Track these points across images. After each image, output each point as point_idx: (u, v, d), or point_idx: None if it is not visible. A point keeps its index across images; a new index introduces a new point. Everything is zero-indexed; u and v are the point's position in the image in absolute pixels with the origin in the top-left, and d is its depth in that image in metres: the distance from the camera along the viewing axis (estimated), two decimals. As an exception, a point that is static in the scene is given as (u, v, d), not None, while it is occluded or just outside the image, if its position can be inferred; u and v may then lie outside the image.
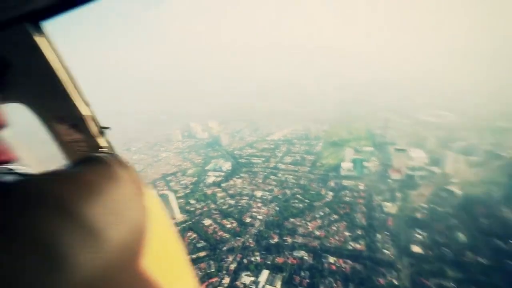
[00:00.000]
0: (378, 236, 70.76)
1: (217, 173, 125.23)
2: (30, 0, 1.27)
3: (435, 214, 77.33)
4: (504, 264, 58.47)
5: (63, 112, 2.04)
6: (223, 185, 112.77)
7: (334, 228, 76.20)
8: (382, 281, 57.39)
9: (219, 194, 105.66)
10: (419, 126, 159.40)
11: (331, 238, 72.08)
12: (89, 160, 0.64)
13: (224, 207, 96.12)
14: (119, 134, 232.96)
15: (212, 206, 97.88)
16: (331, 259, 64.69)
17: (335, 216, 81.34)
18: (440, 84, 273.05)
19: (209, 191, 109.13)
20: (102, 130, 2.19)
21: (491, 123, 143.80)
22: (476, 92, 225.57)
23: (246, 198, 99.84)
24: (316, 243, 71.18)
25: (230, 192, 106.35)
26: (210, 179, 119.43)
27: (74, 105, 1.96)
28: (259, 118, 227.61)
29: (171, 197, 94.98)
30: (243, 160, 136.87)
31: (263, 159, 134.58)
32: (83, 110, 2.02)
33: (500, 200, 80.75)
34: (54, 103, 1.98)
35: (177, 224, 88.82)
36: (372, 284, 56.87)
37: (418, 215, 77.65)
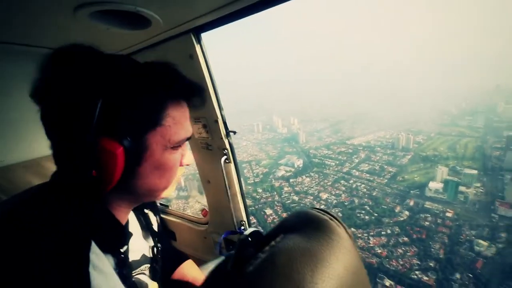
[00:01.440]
0: (457, 275, 59.44)
1: (288, 168, 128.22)
2: (198, 16, 1.54)
3: (554, 272, 58.48)
4: None
5: (200, 113, 2.32)
6: (291, 180, 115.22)
7: (401, 251, 68.03)
8: (447, 325, 48.88)
9: (286, 189, 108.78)
10: None
11: (393, 260, 65.00)
12: (314, 221, 0.60)
13: (288, 201, 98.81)
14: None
15: (276, 198, 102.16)
16: (387, 282, 58.92)
17: (405, 239, 72.08)
18: None
19: (277, 184, 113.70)
20: (228, 133, 2.43)
21: None
22: None
23: (311, 197, 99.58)
24: (374, 260, 65.74)
25: (296, 188, 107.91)
26: (280, 173, 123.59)
27: (212, 108, 2.21)
28: (344, 120, 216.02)
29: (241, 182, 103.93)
30: (316, 160, 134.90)
31: (337, 162, 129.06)
32: (217, 113, 2.26)
33: None
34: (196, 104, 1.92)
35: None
36: (432, 325, 49.24)
37: (526, 266, 60.45)
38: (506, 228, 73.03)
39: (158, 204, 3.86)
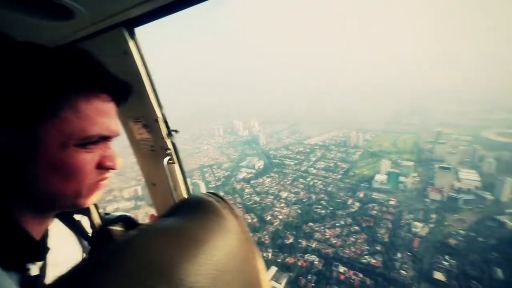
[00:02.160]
0: (399, 255, 66.69)
1: (249, 170, 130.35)
2: (129, 8, 1.37)
3: (473, 244, 69.10)
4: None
5: (139, 113, 2.21)
6: (252, 182, 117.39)
7: (353, 239, 74.09)
8: (391, 301, 54.74)
9: (247, 190, 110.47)
10: (481, 144, 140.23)
11: (346, 249, 70.45)
12: (198, 204, 0.57)
13: (249, 202, 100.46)
14: (172, 123, 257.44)
15: (238, 200, 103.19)
16: (342, 269, 63.75)
17: (356, 228, 78.75)
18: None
19: (238, 186, 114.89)
20: (171, 132, 2.34)
21: None
22: None
23: (271, 197, 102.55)
24: (330, 250, 70.46)
25: (257, 189, 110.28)
26: (242, 175, 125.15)
27: (150, 106, 2.10)
28: (301, 121, 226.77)
29: (202, 186, 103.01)
30: (276, 161, 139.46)
31: (296, 161, 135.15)
32: (157, 112, 2.16)
33: None
34: (134, 103, 2.12)
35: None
36: (379, 302, 54.71)
37: (452, 241, 70.35)
38: (436, 210, 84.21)
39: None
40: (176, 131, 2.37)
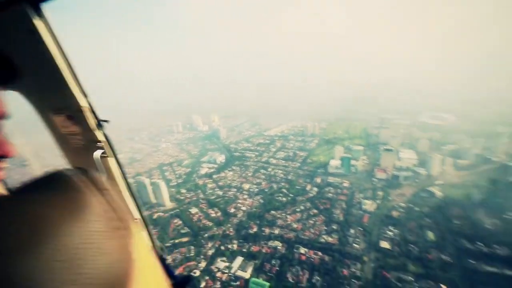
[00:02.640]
0: (352, 231, 73.65)
1: (210, 165, 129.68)
2: None
3: (411, 213, 79.40)
4: (466, 263, 60.69)
5: (60, 103, 1.94)
6: (214, 176, 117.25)
7: (312, 222, 79.47)
8: (346, 272, 60.62)
9: (210, 185, 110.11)
10: (416, 127, 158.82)
11: (306, 231, 75.43)
12: (57, 179, 0.52)
13: (212, 197, 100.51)
14: (127, 124, 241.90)
15: (201, 196, 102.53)
16: (303, 250, 68.21)
17: (315, 211, 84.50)
18: (446, 86, 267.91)
19: (200, 182, 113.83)
20: (100, 123, 2.13)
21: (488, 127, 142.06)
22: (483, 95, 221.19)
23: (234, 190, 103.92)
24: (291, 235, 74.71)
25: (220, 183, 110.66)
26: (203, 171, 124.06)
27: (72, 95, 1.85)
28: (260, 113, 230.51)
29: (162, 186, 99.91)
30: (237, 154, 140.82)
31: (257, 153, 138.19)
32: (81, 101, 1.91)
33: (478, 203, 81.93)
34: (51, 92, 1.89)
35: (165, 211, 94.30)
36: (336, 275, 60.17)
37: (394, 214, 79.83)
38: (382, 188, 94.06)
39: None
40: (106, 121, 2.19)
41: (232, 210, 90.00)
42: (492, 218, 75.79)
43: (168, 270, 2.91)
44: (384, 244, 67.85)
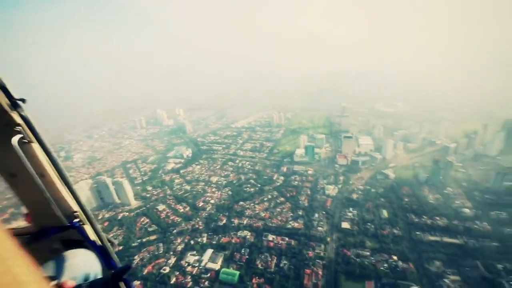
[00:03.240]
0: (316, 215, 78.03)
1: (177, 160, 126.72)
2: None
3: (368, 195, 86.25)
4: (413, 235, 68.27)
5: None
6: (181, 171, 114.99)
7: (279, 209, 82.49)
8: (311, 253, 64.52)
9: (177, 180, 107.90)
10: (373, 115, 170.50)
11: (274, 219, 78.20)
12: None
13: (180, 192, 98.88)
14: (84, 120, 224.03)
15: (168, 192, 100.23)
16: (270, 237, 70.85)
17: (282, 199, 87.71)
18: (401, 77, 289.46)
19: (167, 178, 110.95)
20: (16, 102, 1.77)
21: (433, 113, 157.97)
22: (431, 83, 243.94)
23: (202, 183, 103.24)
24: (260, 223, 76.96)
25: (188, 178, 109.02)
26: (170, 166, 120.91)
27: None
28: (227, 106, 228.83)
29: (125, 184, 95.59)
30: (204, 147, 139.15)
31: (224, 145, 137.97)
32: None
33: (423, 182, 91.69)
34: None
35: (131, 211, 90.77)
36: (302, 257, 63.76)
37: (354, 196, 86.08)
38: (343, 173, 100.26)
39: None
40: (23, 100, 1.83)
41: (201, 204, 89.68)
42: (435, 193, 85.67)
43: (108, 260, 3.05)
44: (345, 225, 73.22)
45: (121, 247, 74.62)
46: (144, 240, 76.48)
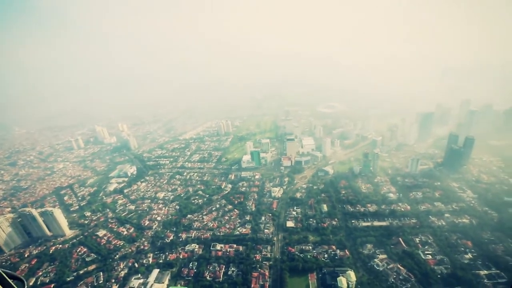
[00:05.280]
0: (263, 218, 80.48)
1: (120, 179, 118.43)
2: None
3: (310, 192, 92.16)
4: (349, 223, 74.97)
5: None
6: (125, 191, 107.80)
7: (227, 217, 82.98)
8: (258, 256, 66.25)
9: (120, 201, 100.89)
10: (314, 116, 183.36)
11: (222, 227, 78.37)
12: None
13: (123, 214, 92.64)
14: (4, 144, 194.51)
15: (110, 215, 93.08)
16: (219, 247, 70.81)
17: (230, 206, 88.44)
18: (336, 80, 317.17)
19: (109, 200, 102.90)
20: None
21: (364, 111, 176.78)
22: (361, 84, 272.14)
23: (148, 201, 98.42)
24: (208, 234, 76.35)
25: (132, 197, 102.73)
26: (112, 187, 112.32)
27: None
28: (174, 118, 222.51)
29: (57, 213, 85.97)
30: (151, 163, 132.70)
31: (172, 159, 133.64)
32: None
33: (357, 173, 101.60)
34: None
35: (64, 242, 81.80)
36: (249, 261, 64.98)
37: (298, 195, 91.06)
38: (287, 174, 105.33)
39: None
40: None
41: (147, 223, 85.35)
42: (367, 183, 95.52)
43: None
44: (290, 224, 76.99)
45: (52, 285, 66.61)
46: (81, 272, 69.52)
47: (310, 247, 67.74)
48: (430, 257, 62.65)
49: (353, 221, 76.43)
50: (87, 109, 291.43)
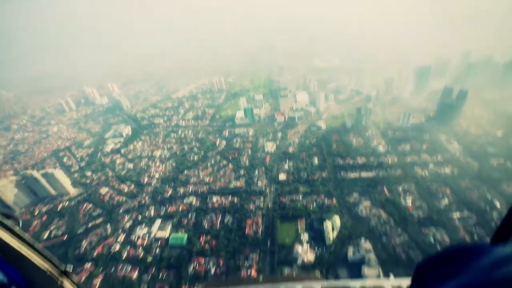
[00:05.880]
0: (256, 172, 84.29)
1: (116, 140, 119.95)
2: None
3: (303, 146, 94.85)
4: (338, 175, 79.11)
5: None
6: (122, 150, 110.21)
7: (222, 172, 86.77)
8: (252, 206, 71.39)
9: (118, 161, 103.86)
10: (309, 70, 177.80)
11: (217, 182, 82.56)
12: None
13: (123, 172, 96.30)
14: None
15: (110, 174, 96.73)
16: (215, 199, 75.61)
17: (224, 162, 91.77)
18: (334, 31, 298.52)
19: (107, 160, 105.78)
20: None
21: (360, 64, 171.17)
22: (358, 34, 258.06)
23: (146, 159, 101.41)
24: (205, 188, 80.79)
25: (130, 156, 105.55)
26: (109, 147, 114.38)
27: None
28: (166, 75, 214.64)
29: (58, 174, 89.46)
30: (145, 122, 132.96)
31: (166, 118, 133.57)
32: None
33: (349, 128, 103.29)
34: None
35: (70, 200, 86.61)
36: (244, 211, 70.25)
37: (290, 149, 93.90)
38: (281, 130, 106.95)
39: None
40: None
41: (146, 180, 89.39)
42: (358, 137, 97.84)
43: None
44: (282, 177, 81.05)
45: (64, 237, 72.80)
46: (90, 225, 75.27)
47: (300, 197, 72.73)
48: (410, 203, 67.97)
49: (342, 172, 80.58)
50: (73, 70, 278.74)
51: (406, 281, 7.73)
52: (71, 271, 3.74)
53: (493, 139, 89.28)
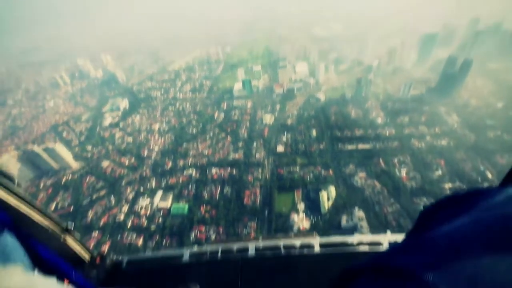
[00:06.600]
0: (254, 144, 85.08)
1: (114, 114, 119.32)
2: None
3: (301, 118, 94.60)
4: (335, 147, 79.95)
5: None
6: (121, 124, 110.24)
7: (221, 144, 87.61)
8: (250, 178, 73.13)
9: (117, 135, 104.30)
10: (310, 39, 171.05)
11: (216, 154, 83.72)
12: None
13: (123, 146, 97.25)
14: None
15: (110, 147, 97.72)
16: (214, 171, 77.20)
17: (223, 134, 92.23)
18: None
19: (106, 134, 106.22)
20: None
21: (363, 33, 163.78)
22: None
23: (144, 133, 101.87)
24: (204, 160, 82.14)
25: (128, 130, 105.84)
26: (107, 121, 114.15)
27: None
28: (160, 46, 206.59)
29: (59, 148, 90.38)
30: (142, 95, 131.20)
31: (163, 91, 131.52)
32: None
33: (349, 99, 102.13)
34: None
35: (73, 173, 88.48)
36: (242, 182, 72.13)
37: (289, 121, 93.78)
38: (279, 101, 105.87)
39: None
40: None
41: (146, 153, 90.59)
42: (357, 109, 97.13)
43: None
44: (280, 148, 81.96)
45: (71, 208, 75.74)
46: (94, 196, 77.79)
47: (298, 169, 74.25)
48: (404, 174, 69.56)
49: (339, 144, 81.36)
50: (63, 41, 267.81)
51: (402, 237, 8.36)
52: (72, 229, 3.81)
53: (493, 111, 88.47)
